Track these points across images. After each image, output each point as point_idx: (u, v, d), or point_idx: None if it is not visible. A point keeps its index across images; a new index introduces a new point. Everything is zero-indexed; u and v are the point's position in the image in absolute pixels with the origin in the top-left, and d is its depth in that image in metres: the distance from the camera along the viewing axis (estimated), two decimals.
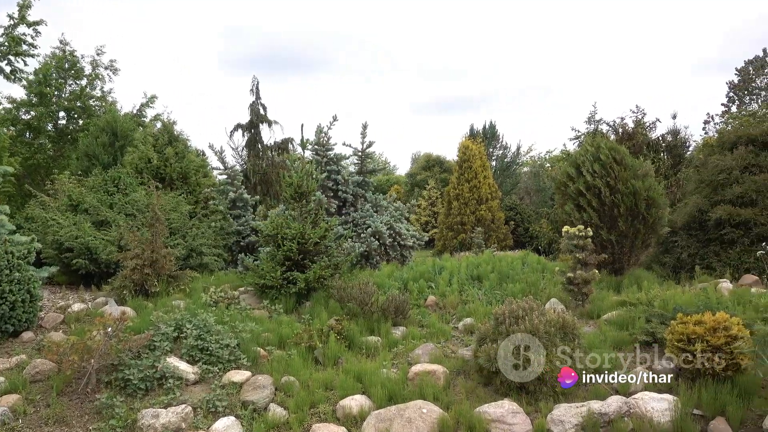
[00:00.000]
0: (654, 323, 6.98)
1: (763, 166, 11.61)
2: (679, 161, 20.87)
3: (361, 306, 8.14)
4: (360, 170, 13.50)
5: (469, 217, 19.86)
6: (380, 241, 12.26)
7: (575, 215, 10.47)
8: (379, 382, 6.05)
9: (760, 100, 35.91)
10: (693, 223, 12.02)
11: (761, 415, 5.21)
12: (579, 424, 5.12)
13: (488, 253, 13.06)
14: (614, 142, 11.36)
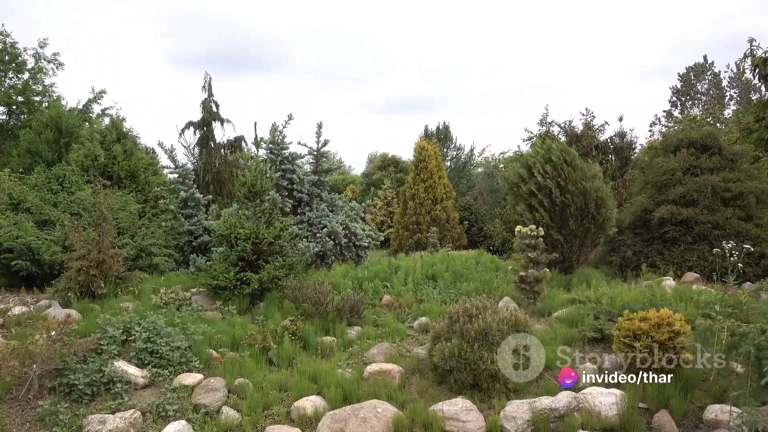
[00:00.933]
0: (602, 320, 7.19)
1: (704, 167, 12.10)
2: (625, 163, 21.58)
3: (316, 306, 8.08)
4: (315, 169, 13.41)
5: (425, 216, 20.00)
6: (335, 241, 12.21)
7: (527, 215, 10.67)
8: (334, 383, 6.02)
9: (700, 104, 37.45)
10: (638, 223, 12.42)
11: (701, 407, 5.42)
12: (530, 420, 5.21)
13: (443, 253, 13.18)
14: (564, 144, 11.64)
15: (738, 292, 7.11)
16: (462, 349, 5.87)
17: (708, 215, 11.39)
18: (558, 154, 10.84)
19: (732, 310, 6.24)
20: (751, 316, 5.19)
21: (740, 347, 4.73)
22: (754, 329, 4.69)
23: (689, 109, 37.09)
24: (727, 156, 12.31)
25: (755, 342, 4.60)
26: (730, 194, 11.53)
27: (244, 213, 9.95)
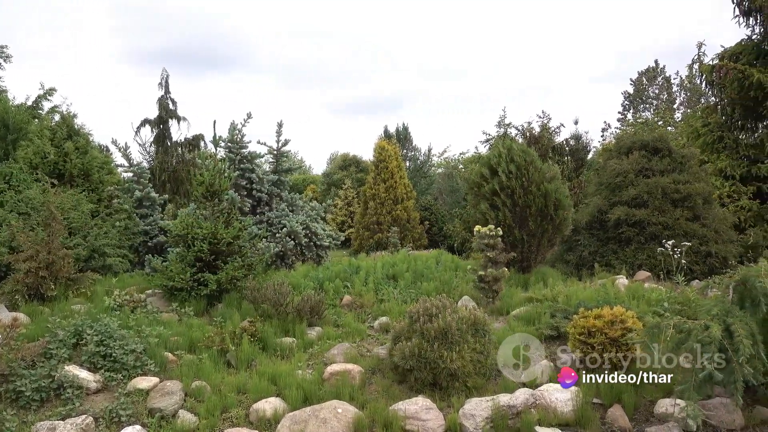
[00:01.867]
0: (558, 318, 7.35)
1: (655, 169, 12.51)
2: (581, 164, 22.11)
3: (276, 307, 8.01)
4: (275, 169, 13.29)
5: (386, 216, 20.05)
6: (296, 241, 12.12)
7: (490, 214, 10.82)
8: (294, 384, 5.99)
9: (652, 108, 38.68)
10: (594, 223, 12.76)
11: (652, 401, 5.61)
12: (489, 417, 5.29)
13: (403, 253, 13.24)
14: (524, 145, 11.85)
15: (686, 289, 7.37)
16: (422, 348, 5.92)
17: (659, 216, 11.78)
18: (520, 155, 11.03)
19: (680, 308, 6.46)
20: (698, 313, 5.39)
21: (686, 343, 4.91)
22: (699, 326, 4.88)
23: (641, 113, 38.25)
24: (676, 158, 12.77)
25: (699, 338, 4.78)
26: (679, 195, 11.96)
27: (201, 213, 9.78)
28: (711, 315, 4.98)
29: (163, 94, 18.76)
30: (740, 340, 4.64)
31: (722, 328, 4.79)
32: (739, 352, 4.60)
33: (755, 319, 4.91)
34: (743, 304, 5.14)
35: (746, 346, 4.58)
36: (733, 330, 4.74)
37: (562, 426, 5.30)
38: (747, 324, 4.79)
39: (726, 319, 4.89)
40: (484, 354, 6.20)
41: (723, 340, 4.72)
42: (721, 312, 5.00)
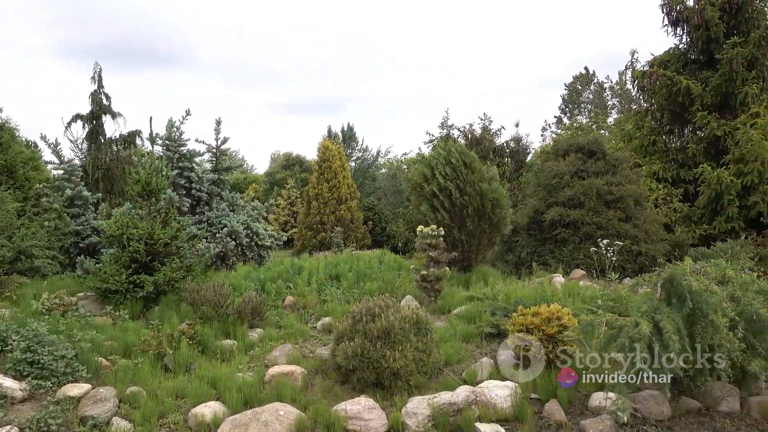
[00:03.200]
0: (498, 316, 7.52)
1: (590, 171, 12.99)
2: (520, 166, 22.71)
3: (216, 309, 7.83)
4: (215, 168, 12.99)
5: (329, 216, 19.95)
6: (237, 242, 11.89)
7: (430, 215, 10.94)
8: (234, 387, 5.87)
9: (586, 112, 40.15)
10: (532, 224, 13.12)
11: (587, 395, 5.81)
12: (430, 415, 5.35)
13: (347, 253, 13.22)
14: (464, 147, 12.06)
15: (619, 287, 7.67)
16: (365, 348, 5.92)
17: (593, 216, 12.24)
18: (457, 156, 11.19)
19: (613, 305, 6.73)
20: (629, 309, 5.62)
21: (617, 339, 5.12)
22: (630, 323, 5.09)
23: (576, 117, 39.66)
24: (610, 161, 13.29)
25: (630, 334, 4.99)
26: (612, 197, 12.46)
27: (137, 212, 9.46)
28: (641, 312, 5.21)
29: (96, 89, 17.99)
30: (669, 335, 4.87)
31: (651, 324, 5.02)
32: (669, 347, 4.83)
33: (681, 315, 5.17)
34: (670, 300, 5.39)
35: (674, 341, 4.82)
36: (661, 326, 4.97)
37: (501, 421, 5.42)
38: (674, 320, 5.04)
39: (654, 315, 5.13)
40: (426, 352, 6.26)
41: (652, 336, 4.95)
42: (650, 309, 5.23)
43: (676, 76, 16.04)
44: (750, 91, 14.93)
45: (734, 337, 5.00)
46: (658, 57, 17.50)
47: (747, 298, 5.37)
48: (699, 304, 5.14)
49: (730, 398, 5.64)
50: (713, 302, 5.09)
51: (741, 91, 15.09)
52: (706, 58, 16.43)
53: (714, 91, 15.46)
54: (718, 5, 15.76)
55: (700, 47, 16.28)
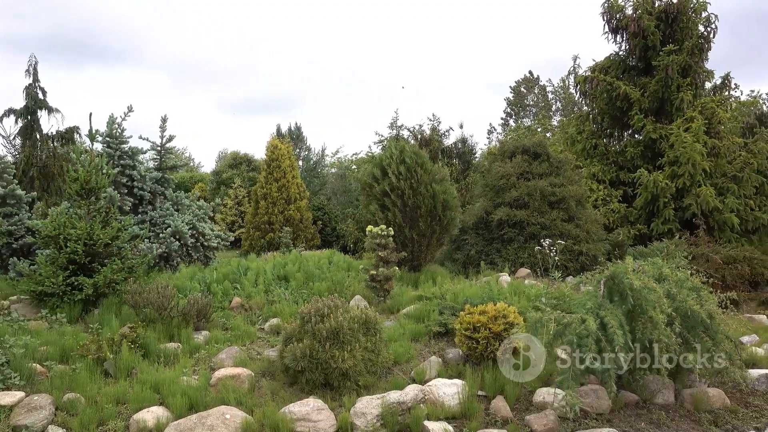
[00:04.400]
0: (446, 315, 7.60)
1: (535, 173, 13.32)
2: (468, 167, 23.06)
3: (159, 311, 7.60)
4: (159, 166, 12.63)
5: (278, 216, 19.69)
6: (181, 242, 11.59)
7: (380, 215, 10.96)
8: (179, 391, 5.70)
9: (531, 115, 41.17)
10: (480, 223, 13.34)
11: (531, 390, 5.95)
12: (379, 415, 5.35)
13: (295, 253, 13.09)
14: (416, 147, 12.15)
15: (562, 285, 7.89)
16: (313, 349, 5.87)
17: (538, 217, 12.54)
18: (411, 156, 11.26)
19: (557, 302, 6.92)
20: (572, 307, 5.79)
21: (564, 336, 5.26)
22: (576, 319, 5.24)
23: (521, 119, 40.63)
24: (553, 163, 13.66)
25: (577, 331, 5.14)
26: (555, 198, 12.81)
27: (76, 212, 9.07)
28: (586, 309, 5.37)
29: (31, 83, 17.21)
30: (613, 331, 5.04)
31: (597, 320, 5.18)
32: (614, 342, 4.99)
33: (622, 311, 5.36)
34: (612, 298, 5.58)
35: (619, 336, 4.99)
36: (606, 322, 5.14)
37: (450, 419, 5.47)
38: (617, 316, 5.22)
39: (599, 312, 5.29)
40: (375, 352, 6.27)
41: (598, 332, 5.11)
42: (595, 306, 5.40)
43: (615, 82, 16.64)
44: (685, 97, 15.64)
45: (671, 333, 5.22)
46: (598, 63, 18.11)
47: (682, 295, 5.61)
48: (639, 301, 5.34)
49: (666, 391, 5.88)
50: (652, 299, 5.29)
51: (676, 97, 15.80)
52: (643, 65, 17.12)
53: (651, 97, 16.12)
54: (654, 14, 16.45)
55: (639, 54, 16.94)
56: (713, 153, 15.27)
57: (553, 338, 5.41)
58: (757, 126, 19.45)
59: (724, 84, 17.62)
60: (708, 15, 16.56)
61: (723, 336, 5.72)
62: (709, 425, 5.46)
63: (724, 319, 6.14)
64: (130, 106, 11.93)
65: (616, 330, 5.03)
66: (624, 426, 5.37)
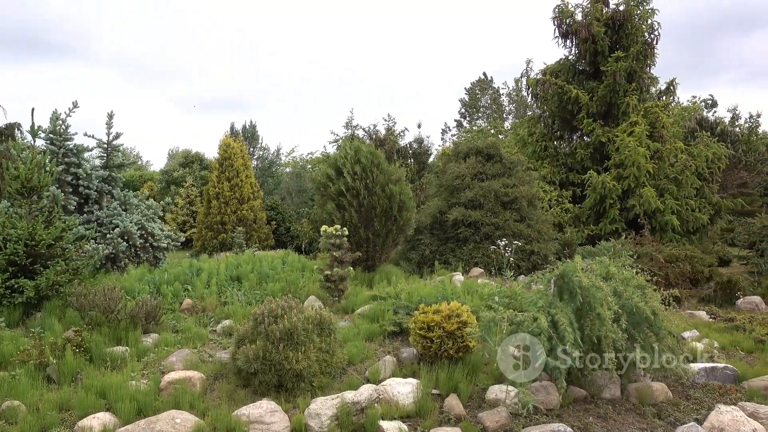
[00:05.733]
0: (401, 314, 7.63)
1: (488, 174, 13.53)
2: (423, 167, 23.25)
3: (106, 314, 7.36)
4: (106, 164, 12.23)
5: (230, 216, 19.38)
6: (130, 242, 11.25)
7: (336, 215, 10.92)
8: (126, 396, 5.53)
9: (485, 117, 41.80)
10: (435, 223, 13.46)
11: (484, 388, 6.03)
12: (334, 415, 5.32)
13: (249, 253, 12.90)
14: (372, 147, 12.16)
15: (514, 284, 8.03)
16: (267, 350, 5.79)
17: (492, 217, 12.75)
18: (367, 156, 11.26)
19: (509, 301, 7.04)
20: (525, 305, 5.90)
21: (518, 334, 5.35)
22: (529, 317, 5.34)
23: (475, 121, 41.23)
24: (506, 164, 13.92)
25: (529, 329, 5.24)
26: (508, 198, 13.05)
27: (16, 211, 8.69)
28: (538, 307, 5.48)
29: None
30: (564, 328, 5.16)
31: (548, 318, 5.30)
32: (565, 339, 5.12)
33: (572, 309, 5.50)
34: (562, 296, 5.72)
35: (569, 333, 5.12)
36: (556, 319, 5.27)
37: (404, 418, 5.49)
38: (566, 314, 5.35)
39: (550, 310, 5.42)
40: (330, 353, 6.23)
41: (550, 329, 5.22)
42: (546, 304, 5.52)
43: (566, 86, 17.10)
44: (630, 102, 16.20)
45: (618, 329, 5.39)
46: (549, 66, 18.56)
47: (628, 293, 5.80)
48: (588, 299, 5.50)
49: (612, 386, 6.06)
50: (600, 297, 5.45)
51: (622, 101, 16.34)
52: (593, 70, 17.65)
53: (599, 101, 16.63)
54: (602, 21, 16.97)
55: (588, 59, 17.46)
56: (656, 156, 15.87)
57: (506, 336, 5.50)
58: (697, 130, 20.32)
59: (668, 89, 18.35)
60: (652, 23, 17.21)
61: (666, 332, 5.94)
62: (653, 418, 5.66)
63: (667, 315, 6.39)
64: (75, 102, 11.51)
65: (566, 327, 5.16)
66: (573, 420, 5.51)
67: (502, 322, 5.48)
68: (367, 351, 6.90)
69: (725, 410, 5.53)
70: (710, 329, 8.48)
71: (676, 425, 5.51)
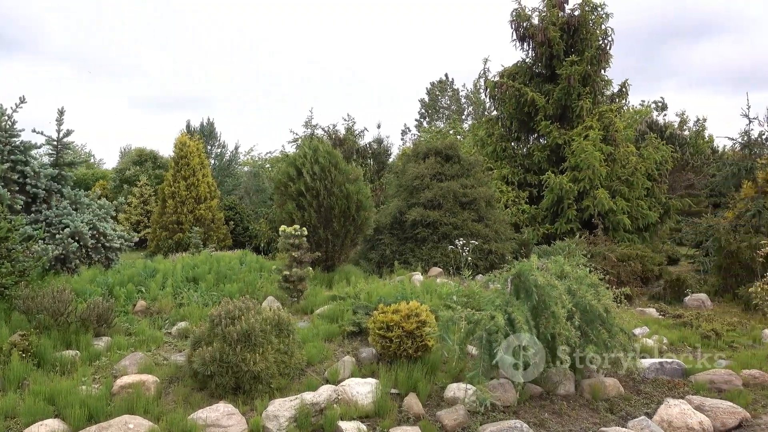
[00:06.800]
0: (360, 314, 7.62)
1: (447, 174, 13.66)
2: (382, 167, 23.31)
3: (55, 317, 7.11)
4: (56, 162, 11.80)
5: (187, 216, 19.01)
6: (81, 243, 10.90)
7: (297, 215, 10.85)
8: (77, 402, 5.35)
9: (444, 117, 42.20)
10: (395, 223, 13.51)
11: (443, 387, 6.09)
12: (292, 417, 5.28)
13: (206, 254, 12.66)
14: (331, 147, 12.12)
15: (472, 283, 8.12)
16: (224, 352, 5.70)
17: (450, 217, 12.88)
18: (325, 156, 11.21)
19: (467, 300, 7.11)
20: (482, 304, 5.97)
21: (475, 333, 5.42)
22: (486, 316, 5.42)
23: (435, 122, 41.58)
24: (465, 165, 14.08)
25: (486, 327, 5.31)
26: (466, 199, 13.21)
27: None
28: (495, 306, 5.56)
29: None
30: (520, 326, 5.25)
31: (505, 316, 5.38)
32: (520, 337, 5.20)
33: (528, 307, 5.60)
34: (519, 294, 5.82)
35: (525, 331, 5.21)
36: (513, 318, 5.35)
37: (363, 418, 5.49)
38: (523, 312, 5.45)
39: (507, 308, 5.50)
40: (288, 354, 6.18)
41: (507, 327, 5.30)
42: (503, 303, 5.61)
43: (523, 88, 17.41)
44: (584, 105, 16.61)
45: (571, 326, 5.52)
46: (507, 69, 18.85)
47: (581, 291, 5.95)
48: (543, 297, 5.61)
49: (567, 382, 6.21)
50: (555, 295, 5.57)
51: (577, 104, 16.74)
52: (549, 73, 18.01)
53: (555, 104, 17.00)
54: (558, 25, 17.34)
55: (544, 62, 17.81)
56: (610, 159, 16.33)
57: (465, 335, 5.56)
58: (648, 132, 20.99)
59: (621, 92, 18.88)
60: (606, 28, 17.68)
61: (618, 329, 6.12)
62: (605, 413, 5.82)
63: (619, 312, 6.58)
64: (23, 97, 11.07)
65: (522, 325, 5.26)
66: (529, 417, 5.61)
67: (460, 321, 5.55)
68: (326, 351, 6.87)
69: (674, 404, 5.73)
70: (660, 326, 8.77)
71: (627, 419, 5.68)
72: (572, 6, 17.93)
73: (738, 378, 6.58)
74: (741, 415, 5.79)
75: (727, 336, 8.21)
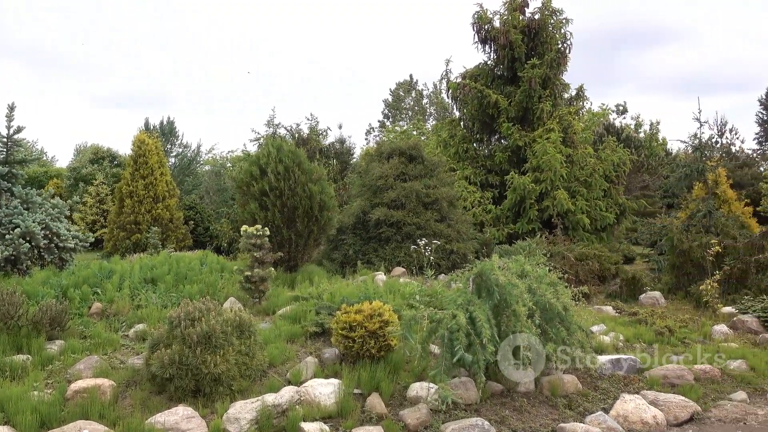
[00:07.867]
0: (323, 315, 7.58)
1: (411, 175, 13.72)
2: (345, 167, 23.26)
3: (5, 320, 6.85)
4: (6, 160, 11.38)
5: (145, 216, 18.57)
6: (32, 243, 10.53)
7: (260, 214, 10.73)
8: (28, 408, 5.17)
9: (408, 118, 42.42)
10: (358, 223, 13.49)
11: (405, 386, 6.11)
12: (254, 419, 5.22)
13: (165, 254, 12.39)
14: (294, 146, 12.02)
15: (434, 283, 8.18)
16: (183, 354, 5.59)
17: (413, 217, 12.94)
18: (288, 155, 11.13)
19: (429, 299, 7.15)
20: (444, 303, 6.02)
21: (437, 331, 5.46)
22: (448, 315, 5.46)
23: (398, 122, 41.73)
24: (428, 165, 14.17)
25: (449, 326, 5.36)
26: (429, 199, 13.29)
27: None
28: (457, 305, 5.61)
29: None
30: (481, 324, 5.32)
31: (467, 315, 5.43)
32: (482, 335, 5.26)
33: (489, 306, 5.67)
34: (480, 293, 5.88)
35: (486, 329, 5.27)
36: (474, 317, 5.41)
37: (326, 419, 5.47)
38: (484, 311, 5.51)
39: (468, 307, 5.56)
40: (249, 355, 6.11)
41: (468, 326, 5.35)
42: (465, 302, 5.66)
43: (485, 90, 17.62)
44: (545, 108, 16.92)
45: (532, 324, 5.61)
46: (469, 70, 19.05)
47: (541, 290, 6.06)
48: (504, 296, 5.69)
49: (527, 379, 6.31)
50: (516, 294, 5.66)
51: (537, 107, 17.04)
52: (510, 75, 18.27)
53: (517, 106, 17.26)
54: (519, 28, 17.62)
55: (506, 65, 18.05)
56: (568, 161, 16.69)
57: (428, 334, 5.59)
58: (605, 135, 21.52)
59: (578, 95, 19.31)
60: (565, 32, 18.05)
61: (576, 326, 6.26)
62: (564, 409, 5.94)
63: (577, 310, 6.74)
64: None
65: (483, 323, 5.32)
66: (490, 414, 5.68)
67: (422, 320, 5.58)
68: (288, 352, 6.81)
69: (629, 399, 5.89)
70: (616, 323, 9.00)
71: (585, 415, 5.81)
72: (533, 10, 18.25)
73: (690, 373, 6.81)
74: (692, 408, 5.99)
75: (679, 332, 8.47)
